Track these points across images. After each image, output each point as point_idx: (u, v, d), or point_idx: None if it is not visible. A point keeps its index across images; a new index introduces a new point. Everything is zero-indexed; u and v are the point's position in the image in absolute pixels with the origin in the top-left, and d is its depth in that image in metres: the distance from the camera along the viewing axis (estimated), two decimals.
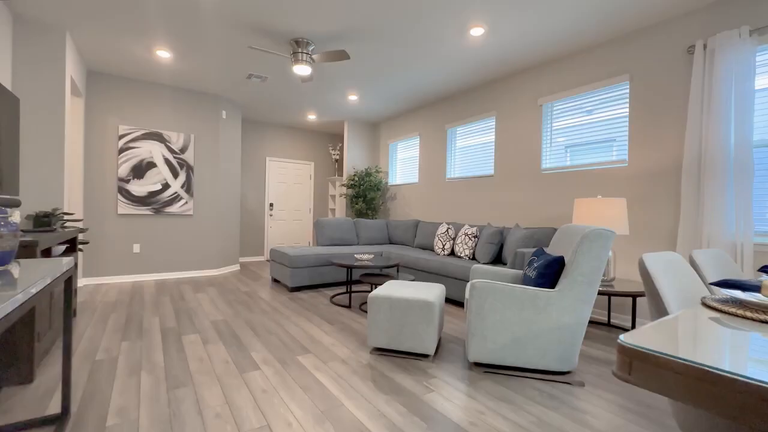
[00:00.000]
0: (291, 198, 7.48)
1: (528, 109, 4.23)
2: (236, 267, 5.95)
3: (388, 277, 3.68)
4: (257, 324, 3.11)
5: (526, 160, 4.24)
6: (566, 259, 2.24)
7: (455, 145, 5.27)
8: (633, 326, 2.68)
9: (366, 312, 3.56)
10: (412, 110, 6.01)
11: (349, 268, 3.76)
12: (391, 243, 5.88)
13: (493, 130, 4.68)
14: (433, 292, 2.59)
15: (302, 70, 3.68)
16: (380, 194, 6.47)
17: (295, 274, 4.37)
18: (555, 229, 3.68)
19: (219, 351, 2.51)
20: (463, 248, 4.17)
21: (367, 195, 6.33)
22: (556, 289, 2.13)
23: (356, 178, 6.37)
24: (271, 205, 7.23)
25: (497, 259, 4.00)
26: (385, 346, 2.46)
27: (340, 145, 7.67)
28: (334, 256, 4.58)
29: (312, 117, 6.54)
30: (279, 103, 5.76)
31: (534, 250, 3.23)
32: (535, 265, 2.42)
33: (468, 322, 2.24)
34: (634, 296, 2.63)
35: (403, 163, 6.38)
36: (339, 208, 6.89)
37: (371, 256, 4.07)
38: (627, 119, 3.38)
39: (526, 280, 2.51)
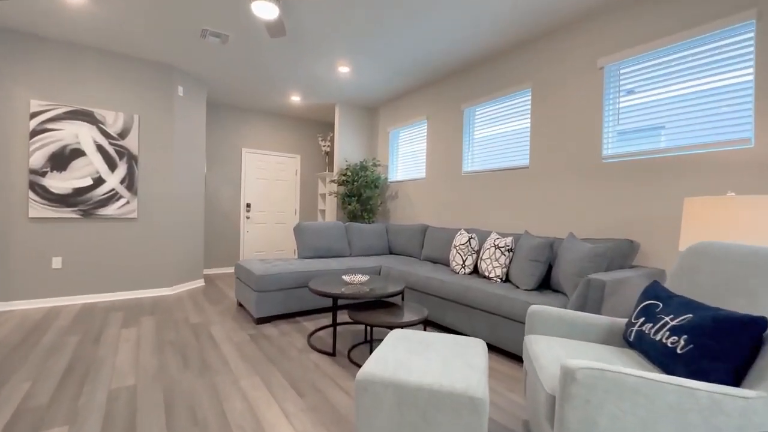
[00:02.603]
0: (273, 197, 6.32)
1: (581, 75, 3.08)
2: (199, 283, 4.79)
3: (388, 310, 2.53)
4: (182, 397, 1.95)
5: (579, 145, 3.10)
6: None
7: (474, 130, 4.12)
8: None
9: (358, 365, 2.41)
10: (418, 87, 4.86)
11: (335, 299, 2.60)
12: (391, 253, 4.73)
13: (528, 107, 3.53)
14: (472, 363, 1.44)
15: (265, 9, 2.52)
16: (378, 192, 5.33)
17: (263, 301, 3.21)
18: (631, 242, 2.54)
19: None
20: (492, 266, 3.02)
21: (362, 193, 5.17)
22: (759, 392, 0.99)
23: (349, 173, 5.21)
24: (248, 205, 6.06)
25: (543, 284, 2.86)
26: None
27: (331, 134, 6.52)
28: (315, 276, 3.44)
29: (296, 99, 5.38)
30: (252, 78, 4.60)
31: (639, 285, 2.08)
32: (672, 323, 1.28)
33: None
34: None
35: (406, 155, 5.23)
36: (330, 208, 5.73)
37: (365, 277, 2.92)
38: (751, 78, 2.24)
39: (648, 346, 1.36)
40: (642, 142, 2.74)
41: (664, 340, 1.27)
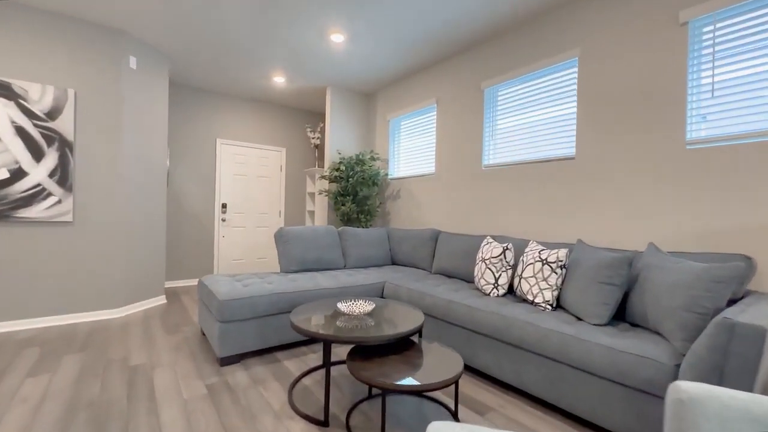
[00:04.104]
0: (253, 196, 5.46)
1: (655, 34, 2.34)
2: (159, 300, 3.91)
3: (404, 356, 1.73)
4: None
5: (649, 126, 2.35)
6: None
7: (498, 113, 3.36)
8: None
9: None
10: (426, 65, 4.08)
11: (327, 342, 1.79)
12: (394, 263, 3.93)
13: (574, 80, 2.78)
14: None
15: None
16: (377, 191, 4.53)
17: (229, 335, 2.38)
18: (749, 259, 1.80)
19: None
20: (539, 287, 2.25)
21: (358, 192, 4.37)
22: None
23: (342, 168, 4.40)
24: (224, 206, 5.19)
25: (617, 315, 2.10)
26: None
27: (321, 125, 5.70)
28: (300, 299, 2.64)
29: (280, 80, 4.55)
30: (225, 51, 3.75)
31: None
32: None
33: None
34: None
35: (410, 146, 4.44)
36: (321, 210, 4.92)
37: (369, 305, 2.12)
38: None
39: None
40: (747, 120, 2.00)
41: None
